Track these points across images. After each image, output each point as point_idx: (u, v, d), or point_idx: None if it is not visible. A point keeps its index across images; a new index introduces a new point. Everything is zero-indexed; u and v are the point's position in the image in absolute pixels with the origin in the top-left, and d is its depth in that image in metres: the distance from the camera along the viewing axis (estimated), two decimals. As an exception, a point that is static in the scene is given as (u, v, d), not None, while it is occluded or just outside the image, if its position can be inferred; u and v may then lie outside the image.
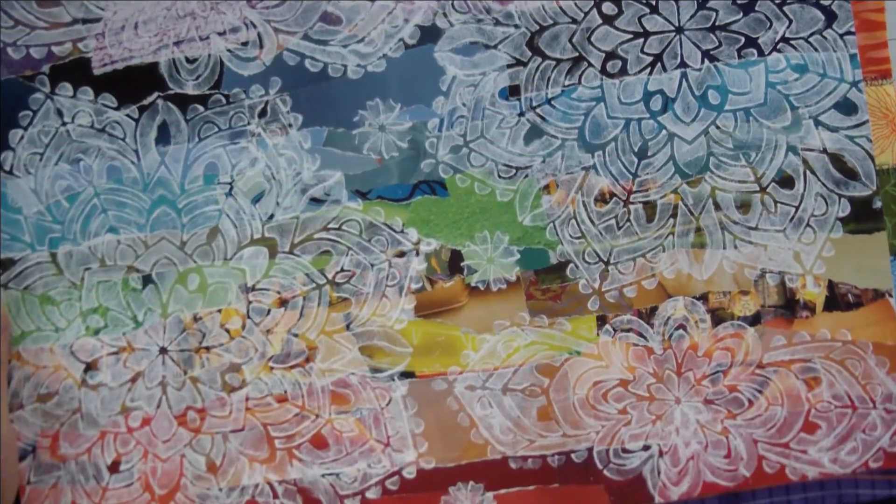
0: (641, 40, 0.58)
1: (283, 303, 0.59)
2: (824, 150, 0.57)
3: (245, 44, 0.59)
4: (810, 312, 0.58)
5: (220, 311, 0.60)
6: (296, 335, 0.59)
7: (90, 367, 0.60)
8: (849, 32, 0.57)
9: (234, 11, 0.59)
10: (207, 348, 0.59)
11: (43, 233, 0.60)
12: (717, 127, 0.58)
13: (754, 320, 0.58)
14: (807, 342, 0.58)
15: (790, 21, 0.57)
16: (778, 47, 0.57)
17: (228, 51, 0.59)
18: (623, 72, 0.58)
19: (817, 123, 0.57)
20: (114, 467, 0.60)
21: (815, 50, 0.57)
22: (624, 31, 0.58)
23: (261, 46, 0.59)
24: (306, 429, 0.59)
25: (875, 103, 0.58)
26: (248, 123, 0.59)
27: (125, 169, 0.60)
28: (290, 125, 0.59)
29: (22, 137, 0.60)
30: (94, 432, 0.60)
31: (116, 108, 0.60)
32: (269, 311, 0.59)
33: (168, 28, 0.59)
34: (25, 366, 0.60)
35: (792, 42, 0.57)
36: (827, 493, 0.59)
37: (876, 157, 0.58)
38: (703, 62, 0.58)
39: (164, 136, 0.60)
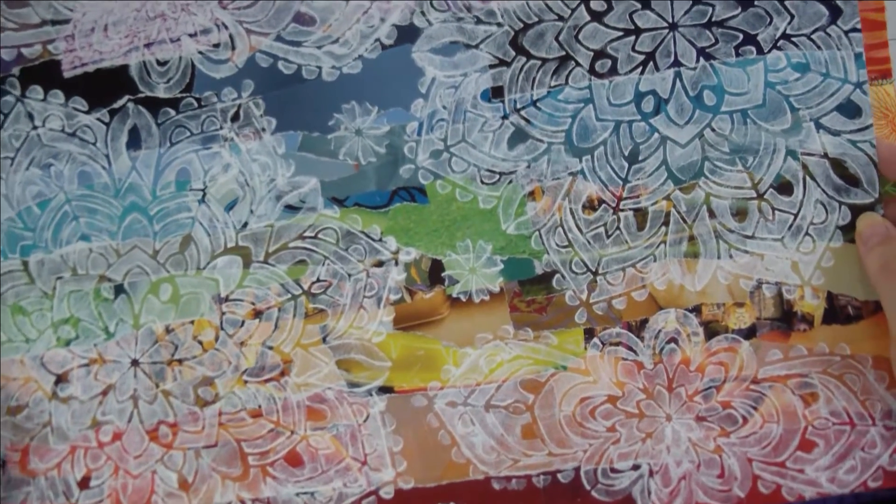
0: (633, 38, 0.56)
1: (257, 314, 0.58)
2: (825, 155, 0.55)
3: (216, 45, 0.58)
4: (808, 325, 0.57)
5: (192, 322, 0.59)
6: (270, 348, 0.58)
7: (61, 379, 0.60)
8: (854, 29, 0.55)
9: (204, 12, 0.58)
10: (180, 361, 0.59)
11: (14, 240, 0.60)
12: (713, 129, 0.56)
13: (749, 333, 0.57)
14: (804, 356, 0.56)
15: (792, 16, 0.56)
16: (778, 45, 0.56)
17: (200, 53, 0.58)
18: (613, 71, 0.56)
19: (818, 126, 0.55)
20: (84, 483, 0.60)
21: (818, 48, 0.55)
22: (614, 29, 0.56)
23: (233, 48, 0.58)
24: (281, 445, 0.59)
25: (875, 103, 0.58)
26: (221, 128, 0.58)
27: (96, 174, 0.59)
28: (264, 129, 0.58)
29: (-7, 141, 0.60)
30: (65, 447, 0.60)
31: (87, 112, 0.59)
32: (242, 322, 0.59)
33: (138, 30, 0.59)
34: (-6, 378, 0.60)
35: (793, 39, 0.56)
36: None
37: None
38: (698, 60, 0.56)
39: (134, 141, 0.59)
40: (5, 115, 0.60)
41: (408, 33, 0.57)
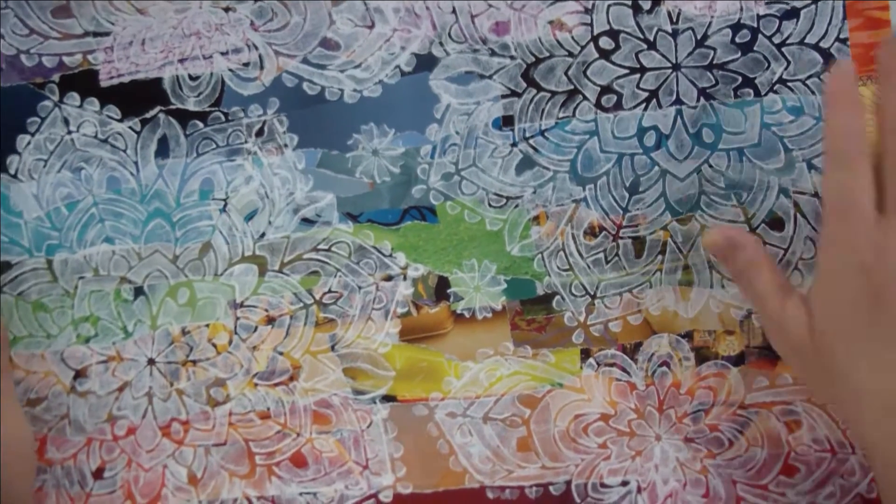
0: (638, 76, 0.60)
1: (270, 321, 0.63)
2: (816, 194, 0.59)
3: (246, 64, 0.63)
4: (795, 356, 0.60)
5: (208, 325, 0.63)
6: (281, 353, 0.63)
7: (79, 374, 0.64)
8: (845, 76, 0.59)
9: (237, 33, 0.63)
10: (194, 362, 0.63)
11: (41, 239, 0.64)
12: (710, 165, 0.60)
13: (738, 360, 0.61)
14: (789, 385, 0.60)
15: (788, 62, 0.59)
16: (775, 88, 0.60)
17: (230, 70, 0.63)
18: (618, 106, 0.61)
19: (810, 167, 0.59)
20: (98, 474, 0.64)
21: (812, 93, 0.59)
22: (620, 66, 0.60)
23: (261, 68, 0.63)
24: (287, 446, 0.63)
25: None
26: (245, 142, 0.63)
27: (124, 180, 0.64)
28: (286, 145, 0.62)
29: (29, 143, 0.65)
30: (81, 438, 0.64)
31: (120, 120, 0.64)
32: (256, 328, 0.63)
33: (174, 46, 0.63)
34: (16, 370, 0.64)
35: (789, 84, 0.60)
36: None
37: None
38: (698, 100, 0.60)
39: (163, 150, 0.64)
40: (42, 118, 0.64)
41: (426, 62, 0.62)
